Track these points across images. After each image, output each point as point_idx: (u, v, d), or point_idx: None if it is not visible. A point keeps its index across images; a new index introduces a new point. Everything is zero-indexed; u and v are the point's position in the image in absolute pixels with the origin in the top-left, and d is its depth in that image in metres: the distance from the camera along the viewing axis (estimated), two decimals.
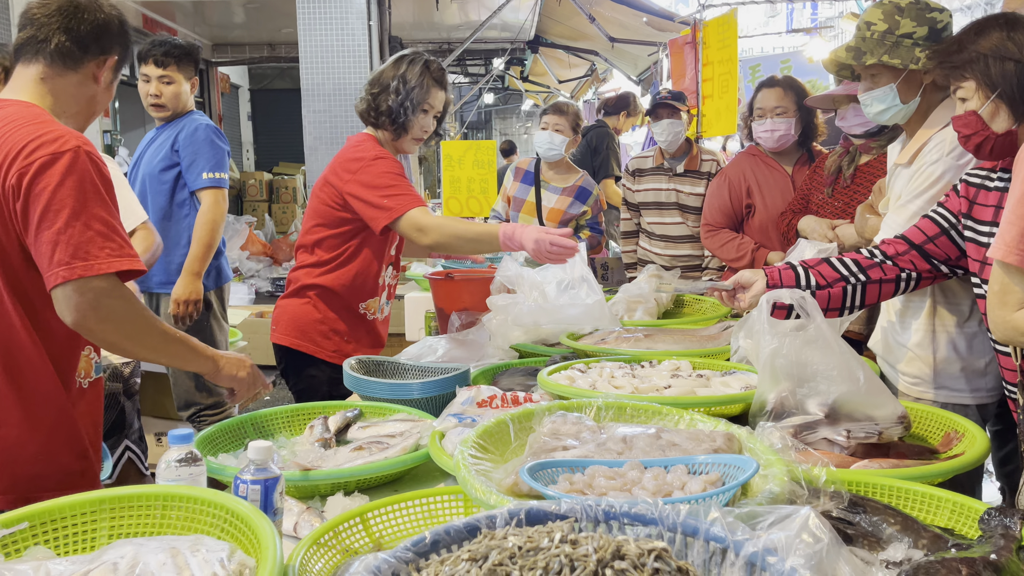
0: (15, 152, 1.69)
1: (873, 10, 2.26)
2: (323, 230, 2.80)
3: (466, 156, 7.40)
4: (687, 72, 5.65)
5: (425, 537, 1.01)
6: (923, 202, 2.13)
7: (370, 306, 2.87)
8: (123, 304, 1.71)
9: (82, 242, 1.66)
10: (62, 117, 1.87)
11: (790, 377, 1.79)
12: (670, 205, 4.09)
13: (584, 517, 1.06)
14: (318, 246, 2.81)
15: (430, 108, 2.79)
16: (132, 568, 0.96)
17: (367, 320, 2.88)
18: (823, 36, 7.17)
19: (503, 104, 21.99)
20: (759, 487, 1.35)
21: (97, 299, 1.66)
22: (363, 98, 2.82)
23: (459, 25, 10.32)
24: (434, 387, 2.19)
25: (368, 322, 2.89)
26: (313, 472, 1.67)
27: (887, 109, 2.25)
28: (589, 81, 12.90)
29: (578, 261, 2.82)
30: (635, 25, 7.88)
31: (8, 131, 1.72)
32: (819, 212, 3.08)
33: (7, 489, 1.77)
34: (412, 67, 2.76)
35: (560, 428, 1.59)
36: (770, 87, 3.46)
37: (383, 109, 2.76)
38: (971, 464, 1.61)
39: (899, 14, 2.19)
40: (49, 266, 1.66)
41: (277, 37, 10.25)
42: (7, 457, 1.77)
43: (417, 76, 2.75)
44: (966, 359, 2.18)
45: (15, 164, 1.68)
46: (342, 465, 1.75)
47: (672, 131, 4.00)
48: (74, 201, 1.67)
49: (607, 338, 2.56)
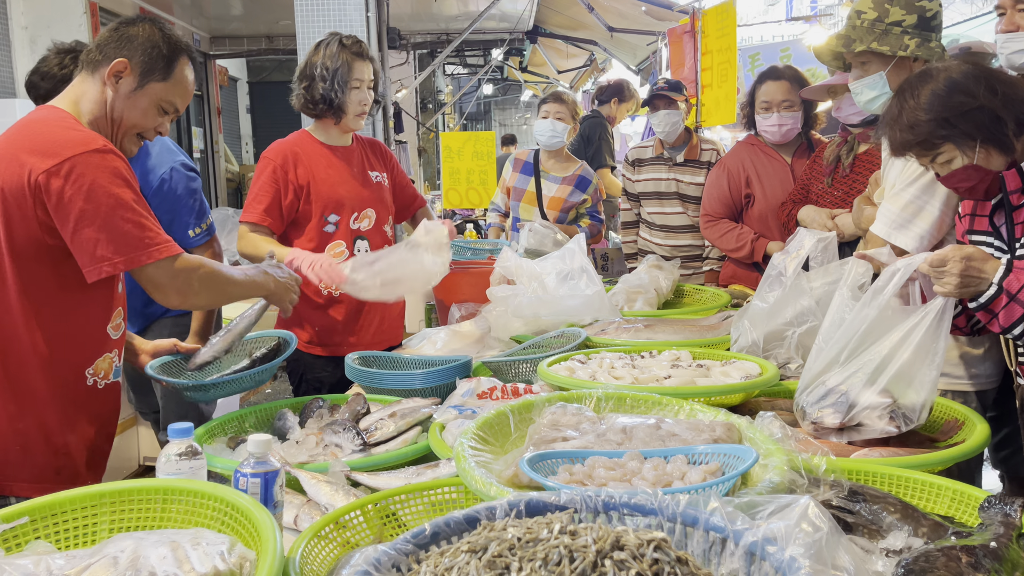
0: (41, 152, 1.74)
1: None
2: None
3: (465, 147, 7.39)
4: (686, 61, 5.63)
5: (425, 529, 1.01)
6: (916, 190, 2.13)
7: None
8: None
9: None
10: (84, 120, 1.90)
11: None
12: (670, 195, 4.08)
13: (584, 508, 1.07)
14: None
15: (360, 83, 2.81)
16: (133, 562, 0.96)
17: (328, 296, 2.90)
18: (823, 24, 7.15)
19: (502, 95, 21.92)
20: (759, 477, 1.35)
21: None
22: (297, 94, 2.87)
23: (457, 16, 10.27)
24: (436, 377, 2.19)
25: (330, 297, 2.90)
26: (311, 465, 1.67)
27: (877, 96, 2.25)
28: (588, 71, 12.85)
29: (577, 251, 2.82)
30: (634, 14, 7.84)
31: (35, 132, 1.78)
32: (819, 202, 3.07)
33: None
34: (328, 49, 2.80)
35: (560, 419, 1.59)
36: (776, 80, 3.41)
37: (317, 98, 2.80)
38: (971, 452, 1.61)
39: (889, 2, 2.20)
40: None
41: (275, 29, 10.20)
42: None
43: (335, 55, 2.78)
44: (965, 346, 2.18)
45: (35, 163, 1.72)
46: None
47: (669, 121, 4.00)
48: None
49: (607, 328, 2.56)
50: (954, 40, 3.39)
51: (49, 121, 1.84)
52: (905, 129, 1.87)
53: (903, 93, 1.89)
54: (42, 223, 1.75)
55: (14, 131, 1.83)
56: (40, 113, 1.90)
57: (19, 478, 1.80)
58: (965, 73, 1.83)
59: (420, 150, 11.37)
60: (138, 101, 1.93)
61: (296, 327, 2.84)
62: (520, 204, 4.38)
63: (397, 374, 2.25)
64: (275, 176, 2.78)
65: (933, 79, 1.85)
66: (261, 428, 2.03)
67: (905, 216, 2.15)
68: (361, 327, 2.89)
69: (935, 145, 1.86)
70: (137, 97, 1.93)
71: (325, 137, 2.89)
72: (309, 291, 2.79)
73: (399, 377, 2.23)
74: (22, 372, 1.80)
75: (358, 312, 2.87)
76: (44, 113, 1.89)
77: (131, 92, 1.92)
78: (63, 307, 1.81)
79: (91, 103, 1.91)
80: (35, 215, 1.74)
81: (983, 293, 1.75)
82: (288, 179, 2.78)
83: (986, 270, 1.74)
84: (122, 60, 1.90)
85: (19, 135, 1.81)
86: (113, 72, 1.90)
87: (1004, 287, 1.74)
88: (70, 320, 1.83)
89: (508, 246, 3.61)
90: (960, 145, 1.83)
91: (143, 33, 1.94)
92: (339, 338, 2.86)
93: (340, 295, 2.82)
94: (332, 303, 2.86)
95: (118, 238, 1.76)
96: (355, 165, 2.90)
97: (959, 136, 1.82)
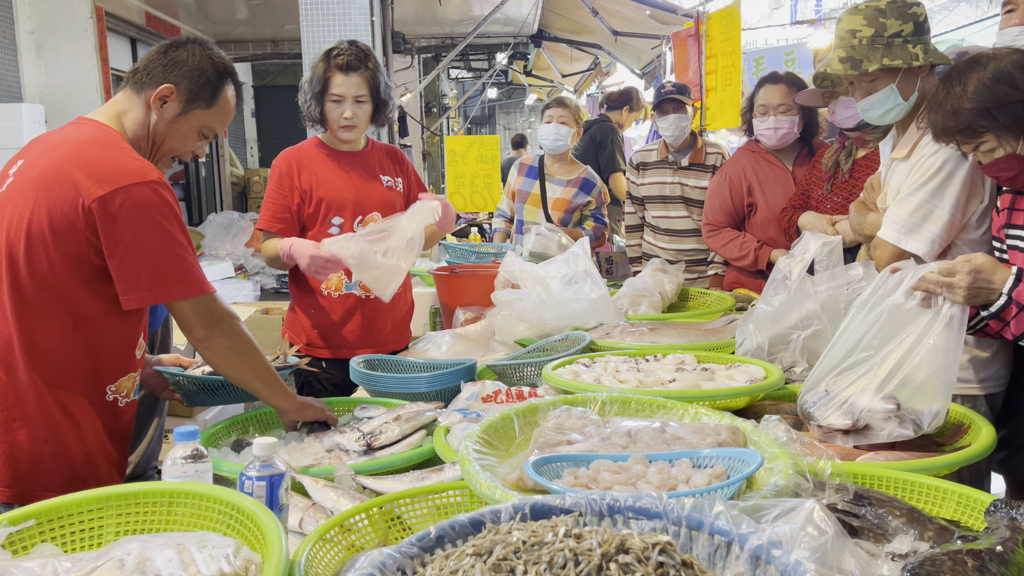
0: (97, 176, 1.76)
1: (852, 17, 2.25)
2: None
3: (470, 151, 7.40)
4: (690, 65, 5.63)
5: (430, 532, 1.02)
6: (925, 194, 2.12)
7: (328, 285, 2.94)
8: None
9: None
10: (125, 137, 1.92)
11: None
12: (675, 199, 4.08)
13: (588, 511, 1.07)
14: None
15: (340, 97, 2.78)
16: (139, 564, 0.96)
17: (329, 299, 2.89)
18: (827, 28, 7.14)
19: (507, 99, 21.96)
20: (764, 480, 1.35)
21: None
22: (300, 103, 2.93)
23: (462, 20, 10.29)
24: (441, 380, 2.20)
25: (333, 300, 2.89)
26: (314, 469, 1.68)
27: (891, 110, 2.25)
28: (593, 75, 12.86)
29: (581, 255, 2.83)
30: (638, 18, 7.85)
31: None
32: (819, 207, 3.06)
33: (10, 483, 1.80)
34: (317, 64, 2.81)
35: (564, 422, 1.59)
36: (773, 83, 3.42)
37: (306, 113, 2.86)
38: (977, 456, 1.61)
39: (882, 16, 2.19)
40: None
41: (280, 34, 10.24)
42: (21, 455, 1.79)
43: (317, 69, 2.80)
44: (973, 349, 2.17)
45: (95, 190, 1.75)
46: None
47: (678, 125, 4.00)
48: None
49: (612, 332, 2.56)
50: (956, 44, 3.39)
51: (104, 144, 1.83)
52: (948, 116, 1.88)
53: (950, 79, 1.89)
54: (90, 243, 1.76)
55: (67, 150, 1.82)
56: (90, 132, 1.88)
57: (48, 487, 1.80)
58: (1015, 63, 1.84)
59: (424, 154, 11.38)
60: (180, 127, 1.94)
61: (301, 329, 2.86)
62: (524, 206, 4.40)
63: (402, 377, 2.26)
64: (281, 182, 2.84)
65: (982, 67, 1.85)
66: (265, 432, 2.03)
67: (914, 221, 2.14)
68: (368, 330, 2.89)
69: (977, 134, 1.86)
70: (180, 123, 1.94)
71: (331, 142, 2.91)
72: (317, 289, 2.85)
73: (404, 381, 2.23)
74: (56, 387, 1.81)
75: (365, 315, 2.87)
76: (95, 133, 1.87)
77: (175, 117, 1.93)
78: (101, 328, 1.83)
79: (134, 123, 1.92)
80: (84, 236, 1.75)
81: (993, 303, 1.76)
82: (293, 184, 2.81)
83: (995, 280, 1.75)
84: (169, 86, 1.90)
85: (73, 155, 1.80)
86: (159, 96, 1.90)
87: (1014, 298, 1.75)
88: (104, 340, 1.85)
89: (512, 250, 3.62)
90: (1001, 136, 1.84)
91: (192, 59, 1.93)
92: (341, 340, 2.86)
93: (346, 296, 2.83)
94: (338, 305, 2.86)
95: (161, 271, 1.79)
96: (364, 169, 2.90)
97: (1000, 127, 1.83)
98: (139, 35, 8.79)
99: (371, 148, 2.98)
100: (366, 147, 2.97)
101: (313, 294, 2.85)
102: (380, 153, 3.01)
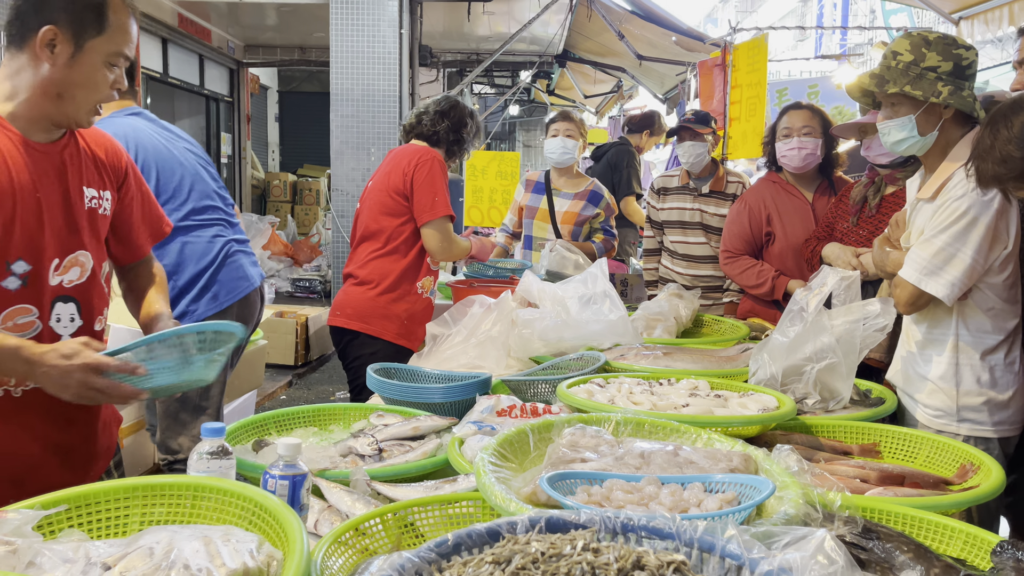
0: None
1: (901, 40, 2.28)
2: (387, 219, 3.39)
3: (489, 167, 7.46)
4: (715, 94, 5.68)
5: (448, 539, 1.04)
6: (948, 237, 2.14)
7: (425, 284, 3.46)
8: None
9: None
10: (20, 105, 1.69)
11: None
12: (694, 225, 4.11)
13: (603, 528, 1.09)
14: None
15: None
16: (167, 553, 0.99)
17: (422, 298, 3.43)
18: (852, 63, 7.19)
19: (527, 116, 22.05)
20: (774, 508, 1.37)
21: None
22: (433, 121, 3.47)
23: (488, 36, 10.40)
24: (456, 392, 2.22)
25: (422, 300, 3.44)
26: (331, 472, 1.71)
27: (904, 139, 2.26)
28: (615, 97, 12.94)
29: (600, 276, 2.86)
30: (664, 44, 7.91)
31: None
32: (844, 240, 3.08)
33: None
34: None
35: (579, 440, 1.61)
36: (797, 109, 3.49)
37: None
38: (985, 497, 1.62)
39: (926, 47, 2.21)
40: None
41: (308, 41, 10.37)
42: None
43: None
44: (990, 392, 2.19)
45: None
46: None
47: (694, 153, 4.04)
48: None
49: (626, 354, 2.58)
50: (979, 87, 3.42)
51: None
52: (999, 163, 1.87)
53: (995, 123, 1.88)
54: None
55: None
56: None
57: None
58: None
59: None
60: (81, 67, 1.68)
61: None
62: (533, 222, 4.45)
63: (418, 387, 2.28)
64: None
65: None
66: (283, 433, 2.06)
67: (936, 263, 2.15)
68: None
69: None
70: (78, 63, 1.68)
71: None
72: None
73: (419, 390, 2.26)
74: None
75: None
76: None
77: (69, 59, 1.67)
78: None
79: (28, 84, 1.67)
80: None
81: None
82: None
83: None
84: (50, 27, 1.64)
85: None
86: (44, 43, 1.65)
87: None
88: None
89: (531, 268, 3.66)
90: None
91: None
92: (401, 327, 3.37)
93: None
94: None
95: None
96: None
97: None
98: (170, 36, 8.92)
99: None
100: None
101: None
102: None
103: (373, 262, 3.39)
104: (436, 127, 3.47)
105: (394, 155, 3.48)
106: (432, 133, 3.48)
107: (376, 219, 3.39)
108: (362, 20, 6.90)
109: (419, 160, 3.34)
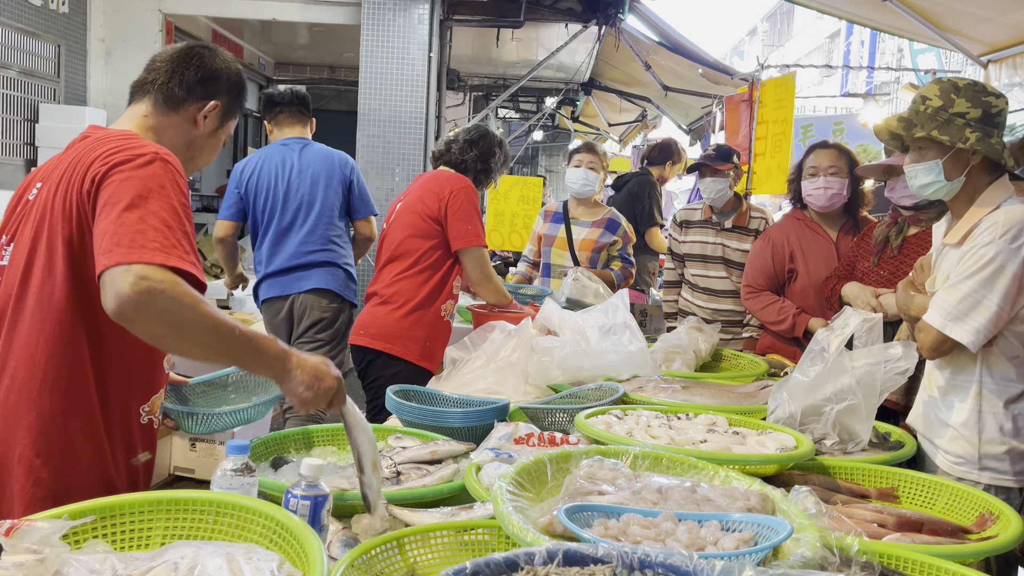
0: (95, 157, 1.69)
1: (931, 86, 2.29)
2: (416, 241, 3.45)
3: (512, 191, 7.50)
4: (741, 129, 5.70)
5: (466, 567, 1.05)
6: (974, 283, 2.13)
7: (447, 308, 3.51)
8: (165, 296, 1.49)
9: (132, 232, 1.53)
10: None
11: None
12: (716, 259, 4.11)
13: (620, 563, 1.10)
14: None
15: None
16: (191, 569, 1.01)
17: (443, 320, 3.48)
18: (878, 102, 7.19)
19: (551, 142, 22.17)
20: (790, 550, 1.36)
21: (137, 285, 1.47)
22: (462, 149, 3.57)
23: (516, 62, 10.49)
24: (474, 417, 2.23)
25: (444, 322, 3.48)
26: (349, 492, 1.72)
27: (930, 184, 2.27)
28: (639, 127, 12.98)
29: (620, 307, 2.87)
30: (690, 76, 7.95)
31: (96, 144, 1.75)
32: (864, 280, 3.08)
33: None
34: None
35: (596, 472, 1.62)
36: (824, 148, 3.50)
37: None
38: (1004, 547, 1.61)
39: (955, 93, 2.22)
40: (97, 256, 1.54)
41: (338, 60, 10.50)
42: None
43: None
44: (1012, 441, 2.17)
45: (92, 167, 1.67)
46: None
47: (715, 189, 4.06)
48: (133, 195, 1.59)
49: (645, 386, 2.58)
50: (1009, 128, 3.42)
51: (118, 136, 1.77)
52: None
53: None
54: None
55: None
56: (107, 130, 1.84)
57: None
58: None
59: None
60: (216, 139, 1.95)
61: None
62: (552, 250, 4.51)
63: (436, 410, 2.29)
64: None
65: None
66: (302, 451, 2.08)
67: (961, 309, 2.15)
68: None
69: None
70: (217, 136, 1.95)
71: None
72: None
73: (438, 414, 2.27)
74: (89, 412, 1.73)
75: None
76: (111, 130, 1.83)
77: (213, 132, 1.93)
78: (128, 342, 1.72)
79: (172, 141, 1.87)
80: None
81: None
82: None
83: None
84: (216, 103, 1.90)
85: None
86: (205, 113, 1.89)
87: None
88: (134, 357, 1.78)
89: (551, 295, 3.67)
90: None
91: (226, 70, 1.92)
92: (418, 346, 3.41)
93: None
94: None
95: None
96: None
97: None
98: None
99: None
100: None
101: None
102: None
103: (400, 282, 3.43)
104: (464, 156, 3.57)
105: (426, 179, 3.55)
106: (460, 161, 3.57)
107: (406, 240, 3.45)
108: (392, 42, 6.99)
109: (454, 187, 3.42)
